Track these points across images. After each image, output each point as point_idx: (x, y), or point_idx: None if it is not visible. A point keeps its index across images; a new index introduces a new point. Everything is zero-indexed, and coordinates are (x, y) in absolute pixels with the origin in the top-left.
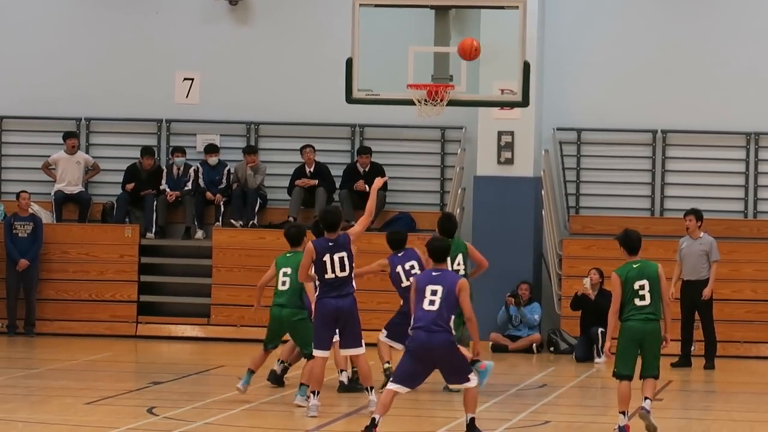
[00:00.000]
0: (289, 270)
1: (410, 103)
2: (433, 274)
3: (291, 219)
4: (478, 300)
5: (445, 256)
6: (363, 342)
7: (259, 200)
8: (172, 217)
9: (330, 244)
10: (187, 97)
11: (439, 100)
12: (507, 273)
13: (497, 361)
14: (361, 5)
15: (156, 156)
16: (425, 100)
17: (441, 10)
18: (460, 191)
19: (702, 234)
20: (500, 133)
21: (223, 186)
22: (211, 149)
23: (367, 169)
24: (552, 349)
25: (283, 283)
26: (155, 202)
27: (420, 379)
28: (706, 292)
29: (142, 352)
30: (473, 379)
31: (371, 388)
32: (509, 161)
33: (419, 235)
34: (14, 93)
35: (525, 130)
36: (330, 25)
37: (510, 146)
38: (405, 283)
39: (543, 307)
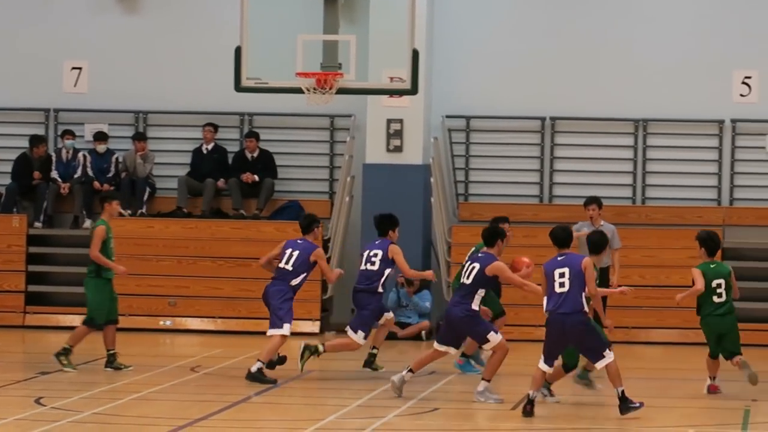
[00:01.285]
0: None
1: (299, 91)
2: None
3: (182, 209)
4: None
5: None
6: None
7: (148, 189)
8: (60, 207)
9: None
10: (75, 86)
11: (328, 89)
12: None
13: (387, 348)
14: None
15: (45, 143)
16: (314, 89)
17: None
18: (348, 179)
19: (603, 222)
20: (389, 121)
21: (111, 174)
22: (100, 137)
23: (255, 155)
24: None
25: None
26: (46, 191)
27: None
28: (615, 281)
29: (30, 342)
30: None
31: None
32: (398, 149)
33: None
34: None
35: (414, 117)
36: (219, 14)
37: (399, 134)
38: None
39: (433, 295)
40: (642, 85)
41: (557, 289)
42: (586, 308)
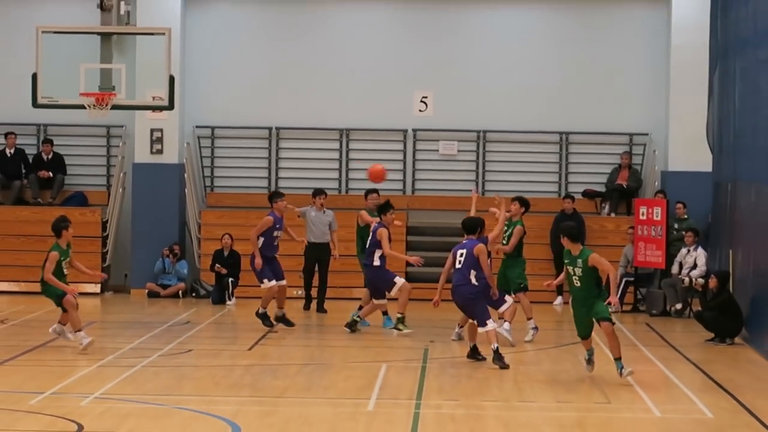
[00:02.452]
0: None
1: (82, 107)
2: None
3: None
4: (140, 258)
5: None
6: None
7: None
8: None
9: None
10: None
11: (104, 105)
12: (160, 238)
13: (150, 305)
14: (43, 32)
15: None
16: (94, 105)
17: (105, 36)
18: (122, 175)
19: (325, 209)
20: (152, 130)
21: None
22: None
23: (50, 157)
24: (194, 294)
25: None
26: None
27: None
28: (337, 254)
29: None
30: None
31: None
32: (160, 152)
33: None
34: None
35: (171, 127)
36: (20, 45)
37: (160, 140)
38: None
39: (188, 263)
40: (345, 102)
41: (456, 266)
42: (474, 282)
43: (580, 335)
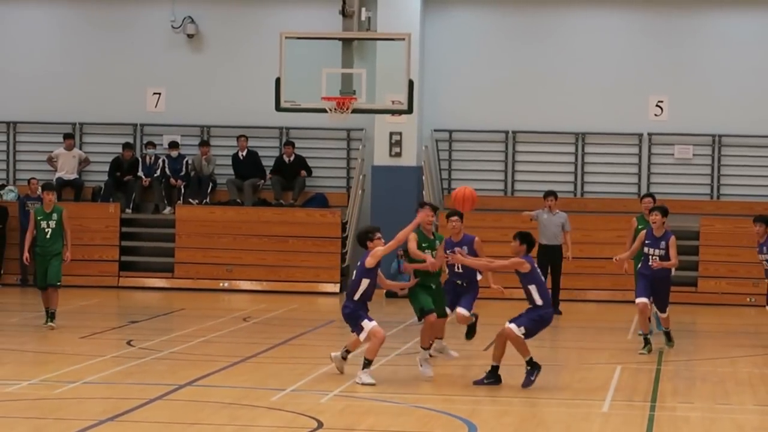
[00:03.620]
0: None
1: (324, 111)
2: None
3: (236, 200)
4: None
5: None
6: None
7: (210, 184)
8: (145, 197)
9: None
10: (155, 106)
11: (345, 109)
12: None
13: (388, 305)
14: (286, 38)
15: (133, 150)
16: (335, 109)
17: (346, 41)
18: (361, 177)
19: (557, 210)
20: (391, 133)
21: (183, 173)
22: (173, 145)
23: (291, 159)
24: None
25: None
26: (134, 186)
27: None
28: (569, 255)
29: (123, 299)
30: None
31: None
32: (398, 154)
33: None
34: (25, 104)
35: (410, 131)
36: (262, 51)
37: (399, 143)
38: None
39: None
40: (580, 106)
41: None
42: None
43: None
